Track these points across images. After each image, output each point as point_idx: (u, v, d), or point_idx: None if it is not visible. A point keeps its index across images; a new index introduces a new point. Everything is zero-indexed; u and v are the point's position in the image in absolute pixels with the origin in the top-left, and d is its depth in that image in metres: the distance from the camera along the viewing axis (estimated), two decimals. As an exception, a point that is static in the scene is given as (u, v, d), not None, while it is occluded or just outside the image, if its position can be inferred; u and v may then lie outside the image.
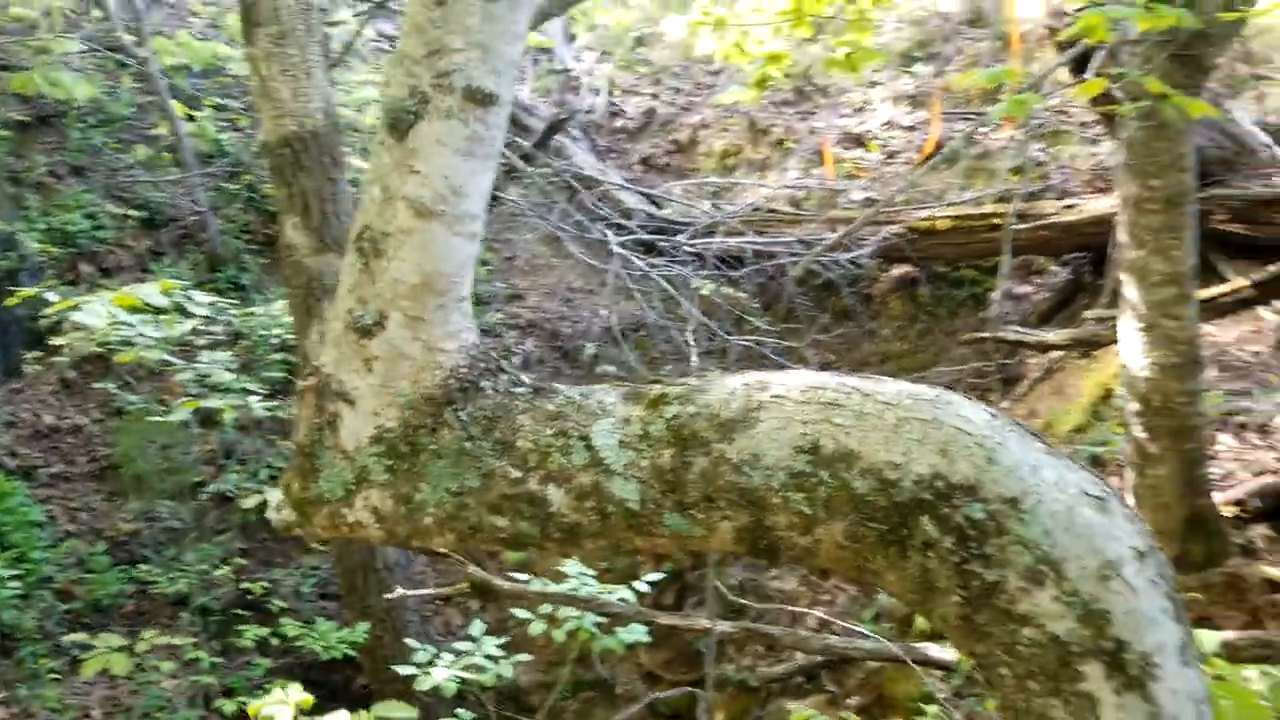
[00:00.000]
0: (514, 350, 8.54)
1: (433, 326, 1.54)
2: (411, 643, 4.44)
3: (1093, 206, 7.69)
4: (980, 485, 1.26)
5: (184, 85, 9.06)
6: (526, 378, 1.61)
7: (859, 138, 10.26)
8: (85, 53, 9.09)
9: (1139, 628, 1.23)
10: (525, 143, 9.48)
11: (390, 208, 1.50)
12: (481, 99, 1.47)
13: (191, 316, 4.61)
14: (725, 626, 4.66)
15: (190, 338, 5.09)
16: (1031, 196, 8.20)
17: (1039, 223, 7.80)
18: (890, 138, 10.11)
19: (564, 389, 1.56)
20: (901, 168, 9.70)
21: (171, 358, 5.09)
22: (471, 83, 1.46)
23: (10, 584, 6.03)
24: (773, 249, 8.68)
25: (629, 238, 8.99)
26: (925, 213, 8.45)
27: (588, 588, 4.30)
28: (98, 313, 3.98)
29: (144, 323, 4.45)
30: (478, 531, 1.54)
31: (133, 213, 8.35)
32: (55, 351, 5.68)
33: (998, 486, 1.26)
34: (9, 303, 5.23)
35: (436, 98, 1.46)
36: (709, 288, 8.44)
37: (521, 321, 8.99)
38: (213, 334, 5.46)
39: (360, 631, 5.67)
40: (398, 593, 4.37)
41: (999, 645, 1.28)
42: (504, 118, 1.53)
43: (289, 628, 5.92)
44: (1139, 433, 4.72)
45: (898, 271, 9.09)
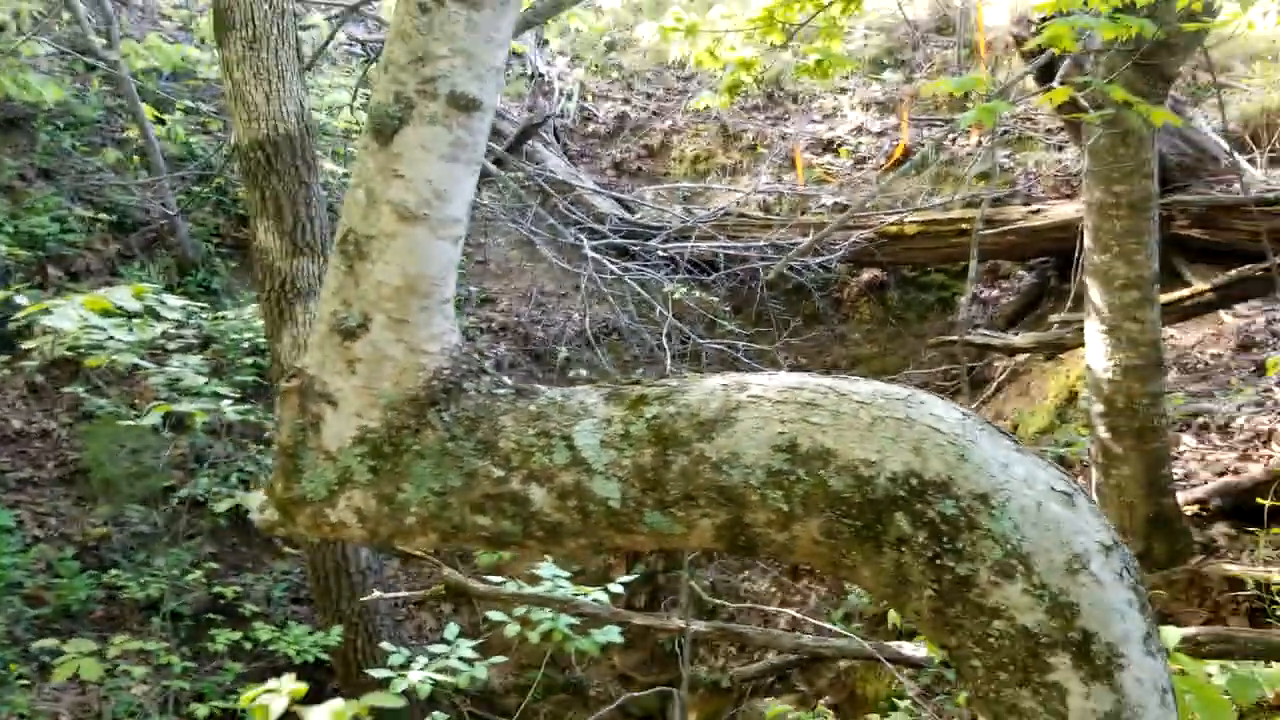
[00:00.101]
0: (487, 354, 8.53)
1: (416, 329, 1.55)
2: (386, 645, 4.44)
3: (1058, 212, 7.80)
4: (952, 482, 1.29)
5: (154, 88, 9.00)
6: (508, 379, 1.63)
7: (829, 143, 10.35)
8: (54, 55, 9.00)
9: (1106, 619, 1.26)
10: (498, 147, 9.48)
11: (374, 211, 1.51)
12: (465, 105, 1.49)
13: (163, 320, 4.58)
14: (699, 626, 4.69)
15: (162, 341, 5.06)
16: (998, 202, 8.29)
17: (1006, 228, 7.89)
18: (860, 143, 10.21)
19: (546, 390, 1.58)
20: (871, 173, 9.79)
21: (143, 361, 5.06)
22: (455, 89, 1.47)
23: (-22, 590, 5.97)
24: (744, 253, 8.74)
25: (602, 242, 9.03)
26: (894, 218, 8.53)
27: (561, 589, 4.32)
28: (70, 316, 3.94)
29: (116, 326, 4.42)
30: (460, 531, 1.55)
31: (102, 216, 8.27)
32: (23, 355, 5.62)
33: (969, 483, 1.29)
34: (-24, 307, 5.18)
35: (421, 104, 1.47)
36: (681, 292, 8.50)
37: (494, 325, 8.98)
38: (184, 338, 5.42)
39: (333, 635, 5.65)
40: (373, 595, 4.37)
41: (970, 637, 1.31)
42: (487, 123, 1.54)
43: (261, 632, 5.89)
44: (1103, 433, 4.79)
45: (867, 276, 9.18)
